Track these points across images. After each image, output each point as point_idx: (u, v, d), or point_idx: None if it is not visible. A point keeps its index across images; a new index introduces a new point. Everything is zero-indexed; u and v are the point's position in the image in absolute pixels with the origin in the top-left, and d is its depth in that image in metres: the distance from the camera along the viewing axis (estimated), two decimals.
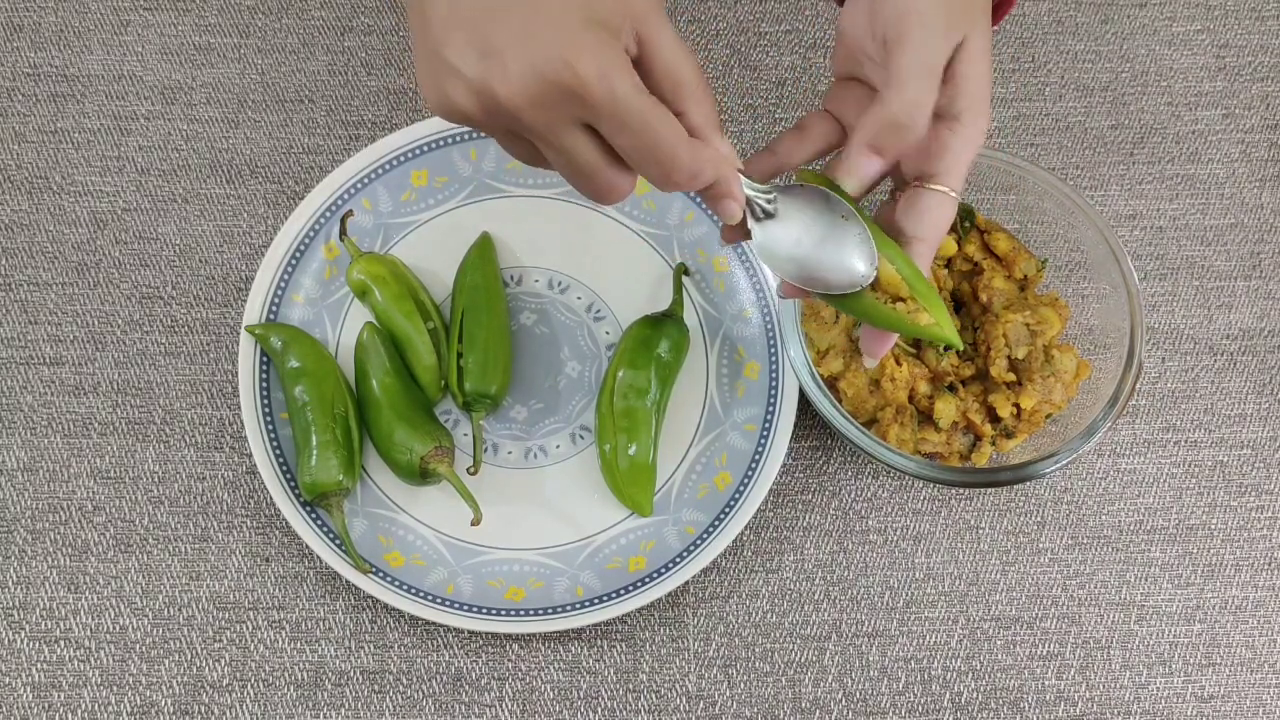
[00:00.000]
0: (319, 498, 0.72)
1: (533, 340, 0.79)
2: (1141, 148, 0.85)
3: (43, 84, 0.83)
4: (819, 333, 0.74)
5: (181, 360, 0.78)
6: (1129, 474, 0.78)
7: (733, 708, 0.73)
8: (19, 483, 0.75)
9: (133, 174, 0.82)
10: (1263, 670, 0.74)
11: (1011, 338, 0.72)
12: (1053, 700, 0.74)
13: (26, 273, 0.79)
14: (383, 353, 0.75)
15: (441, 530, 0.74)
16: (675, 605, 0.74)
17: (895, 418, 0.72)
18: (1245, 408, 0.79)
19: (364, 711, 0.72)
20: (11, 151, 0.82)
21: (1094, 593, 0.76)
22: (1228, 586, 0.76)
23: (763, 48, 0.86)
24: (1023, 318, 0.72)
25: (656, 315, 0.77)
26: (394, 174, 0.80)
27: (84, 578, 0.74)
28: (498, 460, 0.76)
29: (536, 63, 0.48)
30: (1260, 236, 0.83)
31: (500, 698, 0.72)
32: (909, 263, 0.58)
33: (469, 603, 0.72)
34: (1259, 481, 0.78)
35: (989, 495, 0.77)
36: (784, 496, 0.77)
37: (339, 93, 0.84)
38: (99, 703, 0.71)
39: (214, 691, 0.72)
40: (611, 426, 0.75)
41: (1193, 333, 0.81)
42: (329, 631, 0.73)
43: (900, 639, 0.74)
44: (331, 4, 0.86)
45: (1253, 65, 0.87)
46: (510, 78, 0.48)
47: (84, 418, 0.77)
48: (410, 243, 0.80)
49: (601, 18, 0.48)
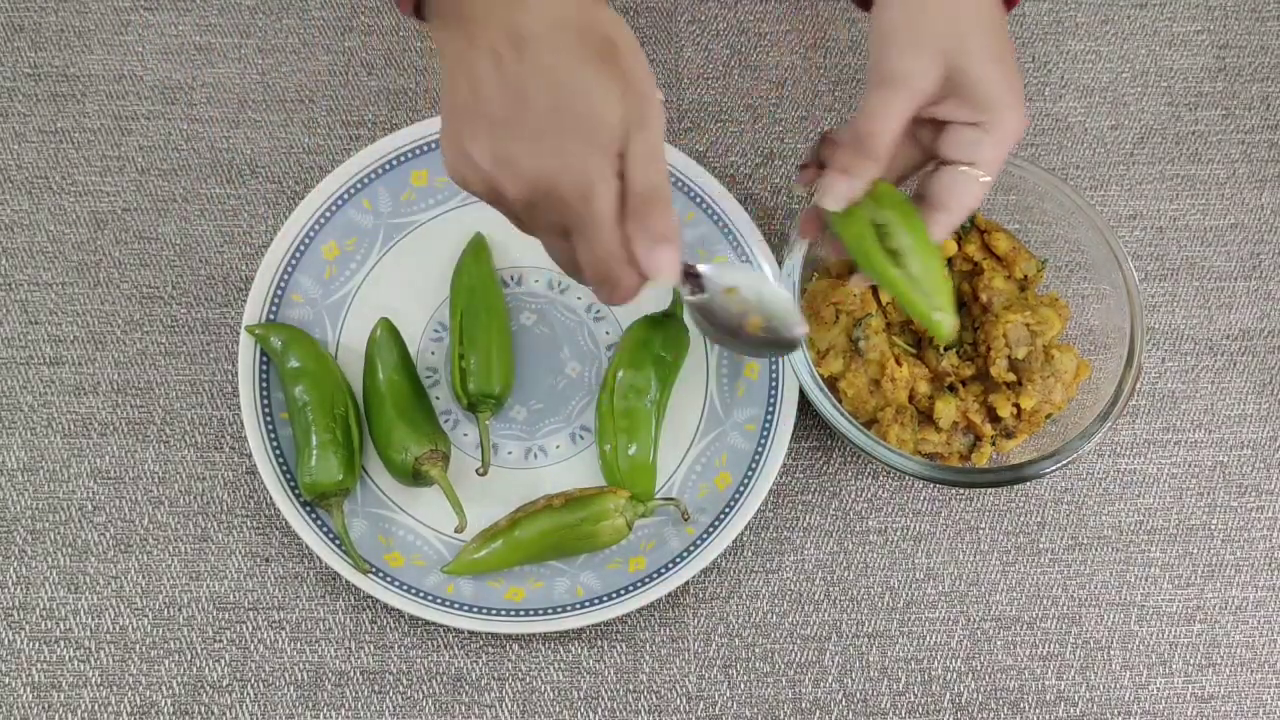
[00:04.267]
0: (319, 498, 0.72)
1: (533, 340, 0.79)
2: (1141, 148, 0.85)
3: (43, 84, 0.83)
4: (819, 333, 0.74)
5: (181, 360, 0.78)
6: (1129, 474, 0.78)
7: (733, 708, 0.73)
8: (19, 483, 0.75)
9: (133, 174, 0.82)
10: (1263, 670, 0.74)
11: (1012, 338, 0.72)
12: (1053, 700, 0.74)
13: (26, 273, 0.79)
14: (394, 349, 0.75)
15: (442, 531, 0.74)
16: (675, 605, 0.74)
17: (895, 418, 0.72)
18: (1245, 408, 0.79)
19: (364, 711, 0.72)
20: (11, 151, 0.82)
21: (1094, 593, 0.76)
22: (1228, 587, 0.76)
23: (763, 48, 0.86)
24: (1023, 318, 0.72)
25: (656, 315, 0.77)
26: (394, 174, 0.80)
27: (84, 578, 0.74)
28: (498, 460, 0.76)
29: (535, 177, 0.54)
30: (1260, 236, 0.83)
31: (500, 698, 0.72)
32: (929, 250, 0.63)
33: (469, 603, 0.72)
34: (1259, 481, 0.78)
35: (989, 495, 0.77)
36: (784, 496, 0.77)
37: (339, 93, 0.84)
38: (99, 703, 0.71)
39: (214, 691, 0.72)
40: (612, 426, 0.75)
41: (1193, 333, 0.81)
42: (329, 632, 0.73)
43: (900, 639, 0.74)
44: (331, 4, 0.86)
45: (1253, 65, 0.87)
46: (515, 185, 0.54)
47: (84, 418, 0.77)
48: (410, 243, 0.80)
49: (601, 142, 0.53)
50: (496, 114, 0.54)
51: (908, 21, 0.61)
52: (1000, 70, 0.61)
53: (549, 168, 0.53)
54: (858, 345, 0.74)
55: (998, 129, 0.62)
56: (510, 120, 0.54)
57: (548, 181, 0.54)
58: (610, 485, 0.75)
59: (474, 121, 0.55)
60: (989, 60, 0.61)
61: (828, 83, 0.85)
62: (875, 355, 0.73)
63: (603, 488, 0.74)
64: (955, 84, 0.61)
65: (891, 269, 0.63)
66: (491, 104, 0.54)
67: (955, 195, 0.63)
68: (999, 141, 0.62)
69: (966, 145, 0.62)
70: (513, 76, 0.53)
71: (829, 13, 0.87)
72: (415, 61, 0.85)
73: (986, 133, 0.62)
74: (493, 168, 0.55)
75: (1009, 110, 0.62)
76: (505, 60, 0.54)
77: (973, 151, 0.62)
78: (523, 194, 0.55)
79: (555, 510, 0.73)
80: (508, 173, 0.54)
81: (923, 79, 0.61)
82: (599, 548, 0.73)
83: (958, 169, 0.63)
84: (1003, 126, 0.62)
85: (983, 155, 0.62)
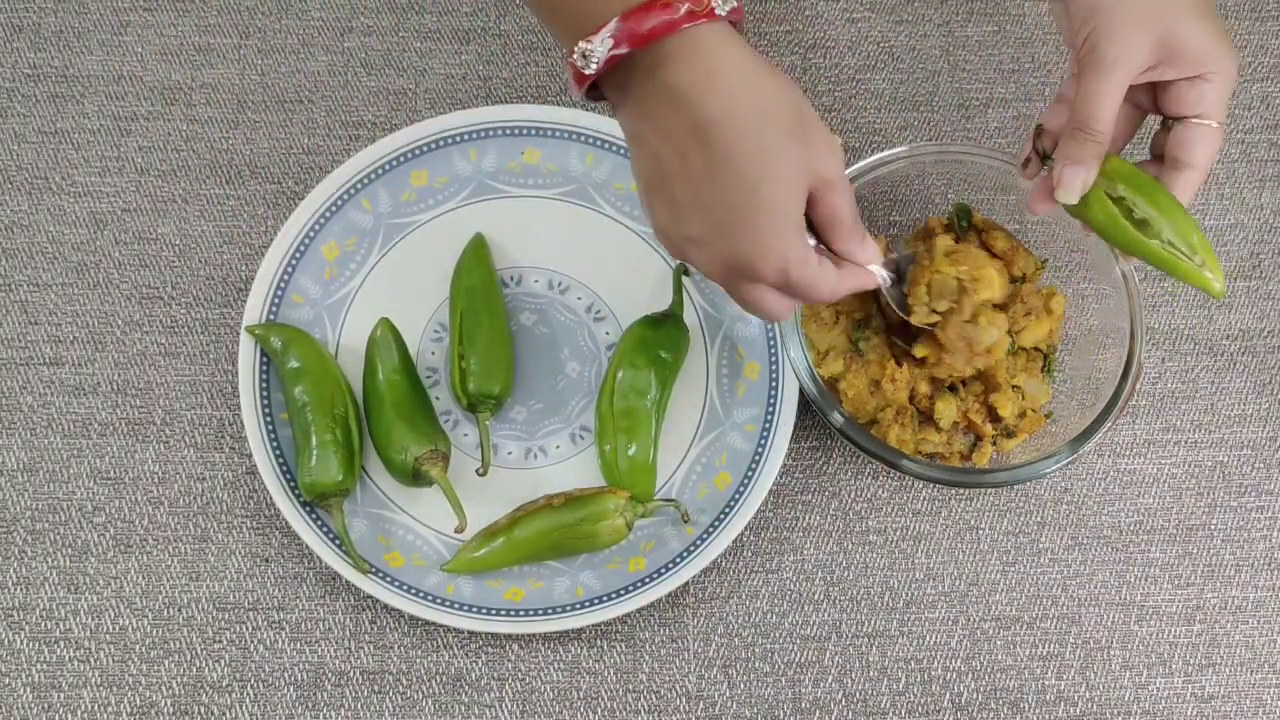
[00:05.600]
0: (319, 498, 0.72)
1: (533, 340, 0.79)
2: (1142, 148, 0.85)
3: (43, 84, 0.83)
4: (819, 333, 0.74)
5: (181, 360, 0.78)
6: (1129, 474, 0.78)
7: (733, 708, 0.73)
8: (19, 483, 0.75)
9: (133, 174, 0.82)
10: (1263, 670, 0.74)
11: (936, 288, 0.70)
12: (1053, 700, 0.74)
13: (26, 273, 0.79)
14: (394, 350, 0.75)
15: (442, 531, 0.74)
16: (675, 605, 0.74)
17: (896, 418, 0.72)
18: (1245, 408, 0.79)
19: (364, 712, 0.72)
20: (11, 151, 0.82)
21: (1094, 593, 0.76)
22: (1228, 586, 0.76)
23: (763, 48, 0.86)
24: (956, 270, 0.69)
25: (656, 315, 0.77)
26: (394, 174, 0.80)
27: (84, 578, 0.74)
28: (498, 460, 0.76)
29: (729, 258, 0.58)
30: (1260, 236, 0.83)
31: (500, 698, 0.72)
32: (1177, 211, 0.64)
33: (469, 603, 0.72)
34: (1259, 481, 0.78)
35: (989, 495, 0.77)
36: (784, 497, 0.77)
37: (339, 93, 0.84)
38: (99, 703, 0.71)
39: (214, 692, 0.72)
40: (611, 427, 0.75)
41: (1193, 333, 0.81)
42: (329, 632, 0.73)
43: (900, 639, 0.74)
44: (331, 4, 0.86)
45: (1253, 65, 0.87)
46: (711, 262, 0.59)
47: (84, 418, 0.77)
48: (410, 243, 0.80)
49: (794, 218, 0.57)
50: (698, 205, 0.57)
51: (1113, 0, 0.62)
52: (1209, 25, 0.62)
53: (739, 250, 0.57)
54: (858, 346, 0.74)
55: (1219, 78, 0.63)
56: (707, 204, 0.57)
57: (741, 262, 0.58)
58: (610, 485, 0.75)
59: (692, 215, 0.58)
60: (1197, 19, 0.62)
61: (828, 83, 0.85)
62: (875, 356, 0.73)
63: (603, 488, 0.74)
64: (1169, 50, 0.62)
65: (1148, 242, 0.65)
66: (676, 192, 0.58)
67: (1198, 150, 0.64)
68: (1221, 89, 0.63)
69: (1192, 100, 0.63)
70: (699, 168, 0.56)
71: (829, 13, 0.87)
72: (415, 62, 0.85)
73: (1209, 83, 0.63)
74: (693, 247, 0.59)
75: (1225, 59, 0.63)
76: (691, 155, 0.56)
77: (1199, 105, 0.63)
78: (718, 272, 0.59)
79: (555, 509, 0.73)
80: (706, 253, 0.59)
81: (1138, 56, 0.62)
82: (598, 548, 0.73)
83: (1190, 123, 0.64)
84: (1223, 74, 0.63)
85: (1209, 106, 0.63)
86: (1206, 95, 0.63)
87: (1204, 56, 0.62)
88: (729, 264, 0.58)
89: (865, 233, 0.62)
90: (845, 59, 0.86)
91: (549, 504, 0.73)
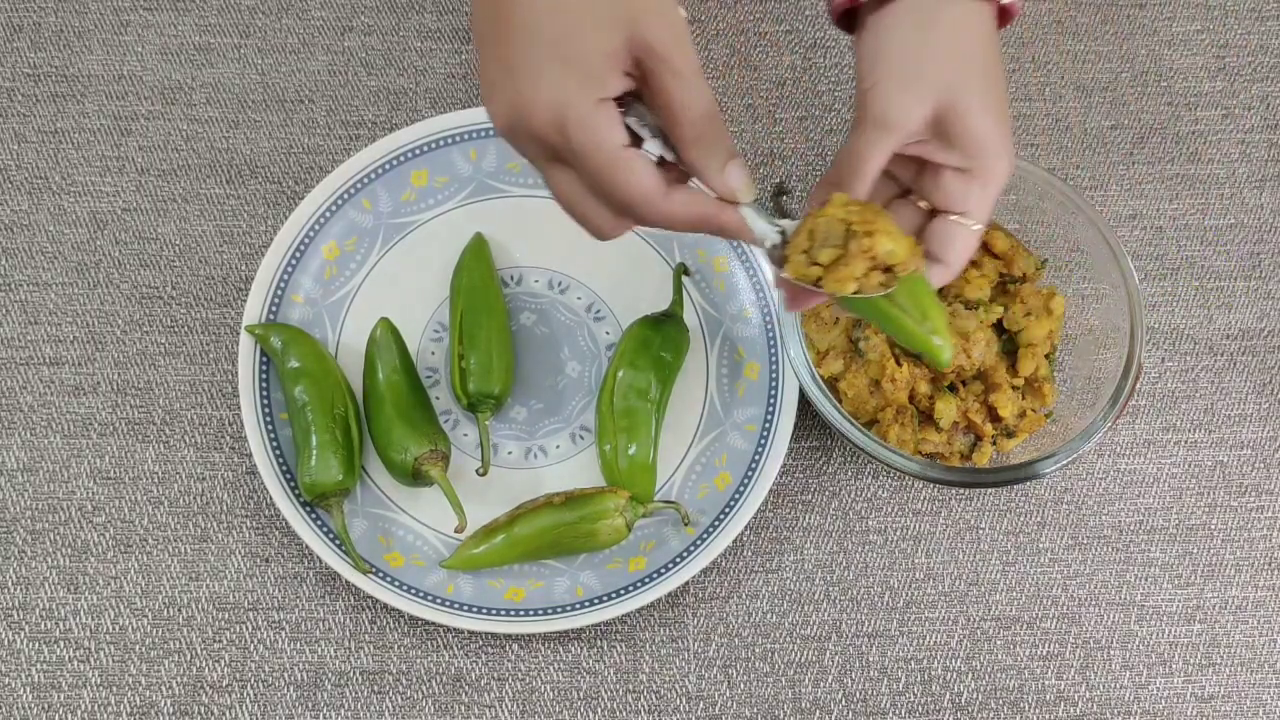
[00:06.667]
0: (319, 498, 0.72)
1: (533, 340, 0.79)
2: (1141, 148, 0.85)
3: (43, 84, 0.83)
4: (819, 333, 0.74)
5: (181, 360, 0.78)
6: (1129, 474, 0.78)
7: (733, 708, 0.73)
8: (19, 483, 0.75)
9: (133, 174, 0.82)
10: (1263, 670, 0.74)
11: (820, 234, 0.56)
12: (1053, 700, 0.74)
13: (26, 273, 0.79)
14: (394, 349, 0.75)
15: (442, 531, 0.74)
16: (675, 605, 0.74)
17: (895, 418, 0.72)
18: (1245, 408, 0.79)
19: (364, 712, 0.72)
20: (11, 151, 0.82)
21: (1094, 593, 0.76)
22: (1228, 586, 0.76)
23: (763, 48, 0.86)
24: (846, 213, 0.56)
25: (656, 315, 0.77)
26: (394, 174, 0.80)
27: (84, 578, 0.74)
28: (498, 460, 0.76)
29: (506, 108, 0.51)
30: (1260, 236, 0.83)
31: (500, 698, 0.72)
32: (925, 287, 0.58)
33: (469, 603, 0.72)
34: (1259, 481, 0.78)
35: (989, 495, 0.77)
36: (784, 496, 0.77)
37: (339, 93, 0.84)
38: (99, 703, 0.71)
39: (214, 692, 0.72)
40: (611, 426, 0.75)
41: (1193, 333, 0.81)
42: (329, 632, 0.73)
43: (900, 639, 0.74)
44: (331, 4, 0.86)
45: (1253, 65, 0.87)
46: (498, 113, 0.52)
47: (84, 418, 0.77)
48: (410, 243, 0.80)
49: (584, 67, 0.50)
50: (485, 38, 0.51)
51: (905, 57, 0.58)
52: (994, 120, 0.58)
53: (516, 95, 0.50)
54: (858, 346, 0.74)
55: (986, 176, 0.59)
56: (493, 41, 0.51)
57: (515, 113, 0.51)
58: (610, 485, 0.75)
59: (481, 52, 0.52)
60: (984, 110, 0.58)
61: (828, 83, 0.85)
62: (875, 356, 0.73)
63: (603, 488, 0.74)
64: (945, 127, 0.58)
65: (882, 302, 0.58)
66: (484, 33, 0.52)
67: (953, 249, 0.60)
68: (988, 188, 0.59)
69: (958, 195, 0.60)
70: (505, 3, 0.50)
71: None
72: (415, 61, 0.85)
73: (975, 179, 0.59)
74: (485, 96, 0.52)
75: (1000, 159, 0.59)
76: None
77: (963, 200, 0.60)
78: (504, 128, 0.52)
79: (555, 508, 0.73)
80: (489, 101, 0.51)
81: (916, 122, 0.58)
82: (598, 547, 0.73)
83: (949, 220, 0.60)
84: (991, 174, 0.59)
85: (972, 204, 0.60)
86: (973, 194, 0.59)
87: (980, 147, 0.58)
88: (509, 114, 0.51)
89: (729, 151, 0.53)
90: (845, 59, 0.86)
91: (549, 502, 0.73)
